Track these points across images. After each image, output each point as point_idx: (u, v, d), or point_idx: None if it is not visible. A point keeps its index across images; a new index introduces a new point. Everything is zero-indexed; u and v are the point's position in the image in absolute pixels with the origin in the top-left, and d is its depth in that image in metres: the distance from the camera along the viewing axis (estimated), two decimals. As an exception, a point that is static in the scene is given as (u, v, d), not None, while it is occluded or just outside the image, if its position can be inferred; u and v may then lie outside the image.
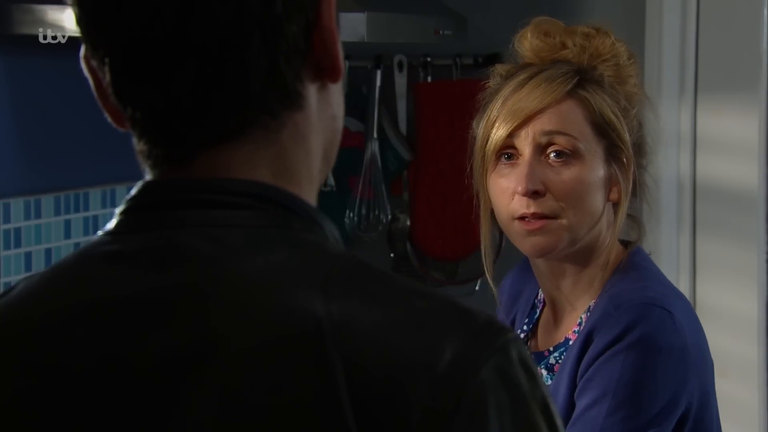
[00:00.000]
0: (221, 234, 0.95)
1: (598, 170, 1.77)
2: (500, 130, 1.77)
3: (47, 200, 2.53)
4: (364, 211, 3.04)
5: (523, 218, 1.75)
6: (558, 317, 1.84)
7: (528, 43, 1.82)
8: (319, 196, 1.03)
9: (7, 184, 2.45)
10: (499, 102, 1.78)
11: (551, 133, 1.75)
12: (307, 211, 0.98)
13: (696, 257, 2.98)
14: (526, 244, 1.76)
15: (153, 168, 0.98)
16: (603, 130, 1.77)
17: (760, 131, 2.91)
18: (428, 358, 0.89)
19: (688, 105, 2.95)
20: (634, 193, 1.82)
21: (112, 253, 0.97)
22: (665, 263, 2.83)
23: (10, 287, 1.02)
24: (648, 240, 1.88)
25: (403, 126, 3.08)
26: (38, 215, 2.51)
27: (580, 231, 1.76)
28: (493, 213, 1.82)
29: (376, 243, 3.08)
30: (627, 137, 1.78)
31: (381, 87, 3.03)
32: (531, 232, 1.75)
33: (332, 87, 1.01)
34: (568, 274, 1.80)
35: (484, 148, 1.79)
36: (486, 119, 1.80)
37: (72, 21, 0.99)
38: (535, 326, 1.89)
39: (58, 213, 2.55)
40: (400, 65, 3.05)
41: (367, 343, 0.89)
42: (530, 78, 1.78)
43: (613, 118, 1.77)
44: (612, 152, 1.78)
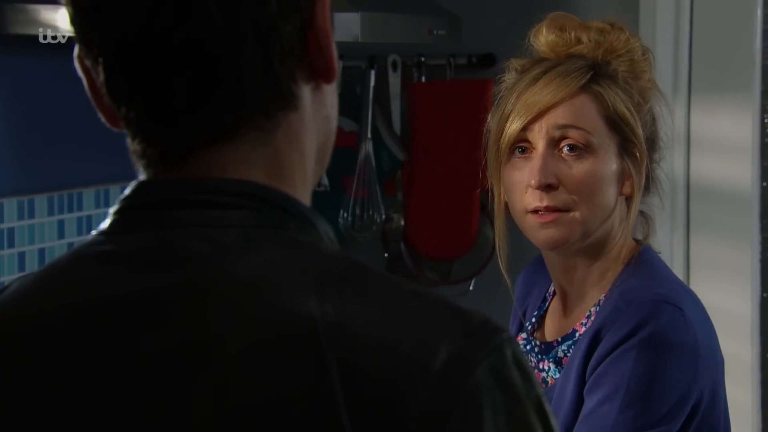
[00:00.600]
0: (216, 234, 0.95)
1: (611, 164, 1.79)
2: (514, 123, 1.79)
3: (41, 200, 2.52)
4: (358, 211, 3.04)
5: (537, 211, 1.77)
6: (567, 309, 1.86)
7: (543, 38, 1.84)
8: (314, 196, 1.03)
9: (0, 184, 2.45)
10: (514, 96, 1.81)
11: (565, 127, 1.77)
12: (301, 212, 0.98)
13: (690, 257, 2.98)
14: (539, 236, 1.79)
15: (147, 168, 0.98)
16: (616, 124, 1.79)
17: (754, 131, 2.92)
18: (423, 359, 0.89)
19: (682, 105, 2.95)
20: (647, 187, 1.84)
21: (106, 253, 0.96)
22: (659, 263, 2.83)
23: (3, 287, 1.02)
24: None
25: (397, 126, 3.07)
26: (32, 215, 2.50)
27: (593, 224, 1.78)
28: (506, 206, 1.84)
29: (370, 243, 3.08)
30: (640, 132, 1.80)
31: (375, 87, 3.03)
32: (544, 225, 1.77)
33: (326, 87, 1.01)
34: (579, 268, 1.82)
35: (499, 141, 1.82)
36: (500, 113, 1.82)
37: (66, 21, 0.98)
38: (543, 317, 1.92)
39: (51, 213, 2.55)
40: (394, 65, 3.05)
41: (362, 344, 0.89)
42: (545, 72, 1.80)
43: (627, 112, 1.79)
44: (625, 147, 1.80)
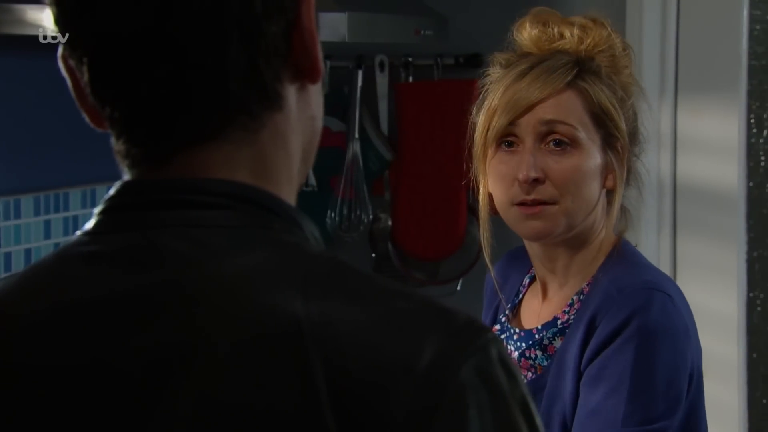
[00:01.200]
0: (201, 234, 0.94)
1: (595, 158, 1.82)
2: (502, 118, 1.81)
3: (27, 200, 2.52)
4: (345, 211, 3.04)
5: (522, 204, 1.80)
6: (548, 297, 1.88)
7: (526, 33, 1.87)
8: (300, 196, 1.03)
9: (-14, 184, 2.44)
10: (500, 91, 1.83)
11: (552, 123, 1.80)
12: (287, 212, 0.98)
13: (676, 257, 2.99)
14: (524, 227, 1.81)
15: (131, 168, 0.98)
16: (601, 119, 1.82)
17: (740, 131, 2.92)
18: (408, 359, 0.89)
19: (669, 105, 2.96)
20: (628, 180, 1.88)
21: (91, 253, 0.96)
22: (646, 263, 2.84)
23: (-13, 288, 1.01)
24: (630, 238, 1.91)
25: (384, 126, 3.07)
26: (18, 215, 2.50)
27: (577, 217, 1.81)
28: (491, 198, 1.86)
29: (357, 243, 3.08)
30: (623, 126, 1.83)
31: (362, 87, 3.03)
32: (529, 216, 1.80)
33: (311, 88, 1.01)
34: (561, 258, 1.85)
35: (485, 134, 1.84)
36: (487, 107, 1.84)
37: (50, 21, 0.98)
38: (518, 306, 1.94)
39: (37, 213, 2.54)
40: (382, 65, 3.05)
41: (346, 344, 0.89)
42: (531, 68, 1.82)
43: (611, 107, 1.83)
44: (608, 141, 1.83)
